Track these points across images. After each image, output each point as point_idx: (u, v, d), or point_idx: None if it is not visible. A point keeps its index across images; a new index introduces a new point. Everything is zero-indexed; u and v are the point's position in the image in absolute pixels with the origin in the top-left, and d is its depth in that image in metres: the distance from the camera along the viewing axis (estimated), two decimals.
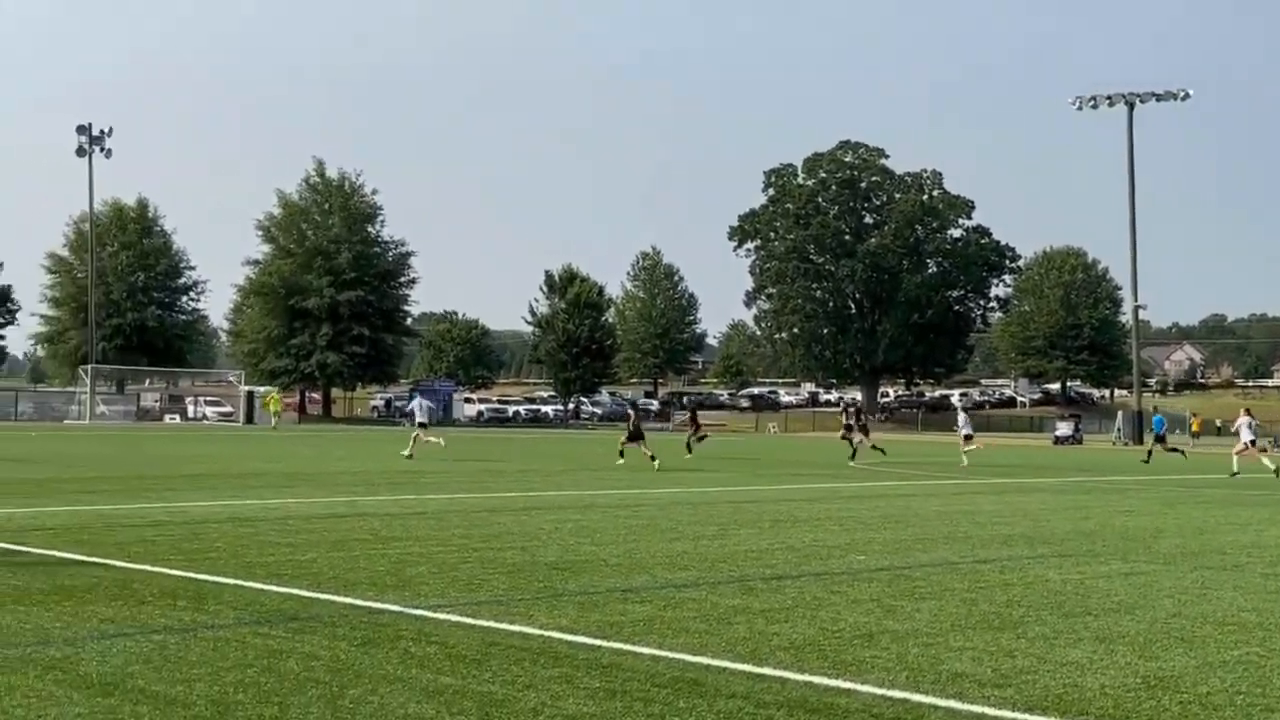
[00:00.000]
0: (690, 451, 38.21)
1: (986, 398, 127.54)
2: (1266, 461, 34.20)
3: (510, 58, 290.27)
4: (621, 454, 32.47)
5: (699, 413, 49.60)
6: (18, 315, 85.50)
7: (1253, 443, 34.50)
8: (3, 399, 73.94)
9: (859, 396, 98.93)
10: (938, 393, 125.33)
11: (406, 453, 33.62)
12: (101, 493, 19.45)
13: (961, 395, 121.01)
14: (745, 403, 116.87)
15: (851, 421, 39.71)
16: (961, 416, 42.35)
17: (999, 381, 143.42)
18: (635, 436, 32.11)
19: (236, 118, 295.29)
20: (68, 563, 11.28)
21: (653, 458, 30.59)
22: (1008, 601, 10.13)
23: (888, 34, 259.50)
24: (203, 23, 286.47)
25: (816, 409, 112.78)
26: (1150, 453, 43.91)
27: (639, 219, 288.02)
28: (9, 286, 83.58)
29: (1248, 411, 35.96)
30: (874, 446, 39.55)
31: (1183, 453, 45.82)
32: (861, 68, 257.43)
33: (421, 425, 35.32)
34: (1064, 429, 78.11)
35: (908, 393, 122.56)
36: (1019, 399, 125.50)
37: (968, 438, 39.44)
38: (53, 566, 11.03)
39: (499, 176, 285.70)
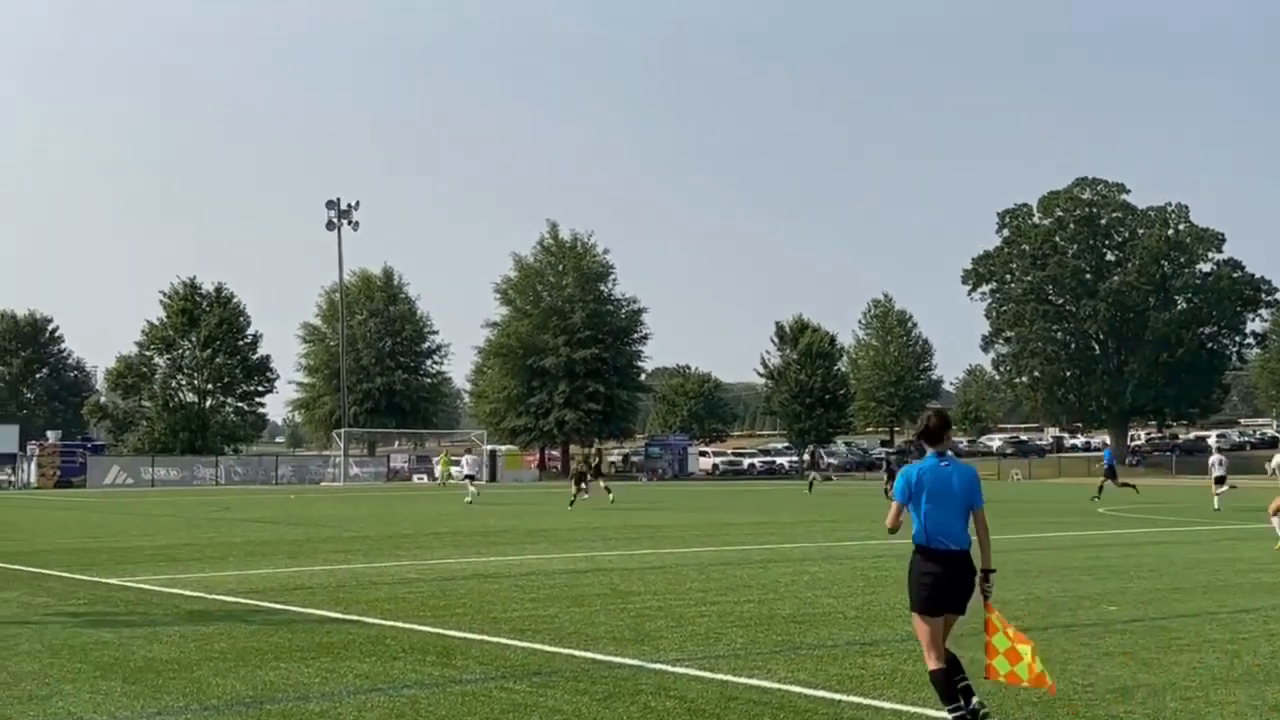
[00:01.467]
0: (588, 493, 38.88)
1: (1246, 438, 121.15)
2: None
3: (734, 112, 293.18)
4: (587, 492, 36.57)
5: None
6: (276, 383, 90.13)
7: None
8: (265, 463, 78.02)
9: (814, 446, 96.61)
10: (1193, 434, 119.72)
11: (467, 499, 39.27)
12: (356, 551, 20.30)
13: (1219, 436, 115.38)
14: (1010, 449, 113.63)
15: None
16: (1214, 458, 40.70)
17: (1259, 421, 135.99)
18: (580, 479, 37.14)
19: (471, 184, 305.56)
20: (325, 620, 11.81)
21: (571, 503, 35.48)
22: (1273, 653, 9.59)
23: (1121, 68, 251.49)
24: (435, 93, 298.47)
25: (1062, 454, 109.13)
26: (1101, 488, 42.16)
27: (869, 266, 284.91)
28: (268, 356, 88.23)
29: None
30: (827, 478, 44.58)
31: (1134, 487, 43.26)
32: (1099, 103, 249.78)
33: (469, 477, 41.35)
34: None
35: (1160, 435, 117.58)
36: None
37: (1219, 480, 37.72)
38: (312, 624, 11.56)
39: (727, 230, 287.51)
